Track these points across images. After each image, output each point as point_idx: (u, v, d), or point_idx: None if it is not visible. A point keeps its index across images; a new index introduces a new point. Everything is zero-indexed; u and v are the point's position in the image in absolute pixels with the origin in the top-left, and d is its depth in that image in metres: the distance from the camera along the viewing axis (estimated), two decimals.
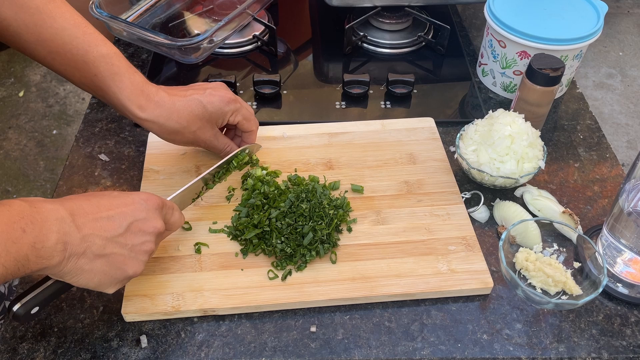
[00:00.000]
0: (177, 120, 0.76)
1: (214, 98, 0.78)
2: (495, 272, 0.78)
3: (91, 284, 0.62)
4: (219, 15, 1.10)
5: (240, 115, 0.82)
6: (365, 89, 1.02)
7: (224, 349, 0.69)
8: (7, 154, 2.29)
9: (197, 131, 0.78)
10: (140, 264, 0.65)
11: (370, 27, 1.17)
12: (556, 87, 0.88)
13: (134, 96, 0.73)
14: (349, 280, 0.74)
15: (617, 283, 0.77)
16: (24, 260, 0.54)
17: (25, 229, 0.54)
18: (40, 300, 0.63)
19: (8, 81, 2.60)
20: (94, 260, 0.60)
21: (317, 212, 0.78)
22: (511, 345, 0.71)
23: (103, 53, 0.73)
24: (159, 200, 0.67)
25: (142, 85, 0.75)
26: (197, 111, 0.77)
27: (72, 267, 0.59)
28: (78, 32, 0.72)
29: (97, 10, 0.97)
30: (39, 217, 0.56)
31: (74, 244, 0.58)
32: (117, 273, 0.63)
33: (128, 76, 0.74)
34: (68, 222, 0.58)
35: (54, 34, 0.71)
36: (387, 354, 0.69)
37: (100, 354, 0.68)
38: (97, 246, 0.60)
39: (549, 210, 0.83)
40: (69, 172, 0.89)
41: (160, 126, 0.76)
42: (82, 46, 0.72)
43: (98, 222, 0.61)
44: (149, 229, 0.65)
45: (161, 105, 0.75)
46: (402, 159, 0.90)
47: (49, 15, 0.71)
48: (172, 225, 0.70)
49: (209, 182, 0.82)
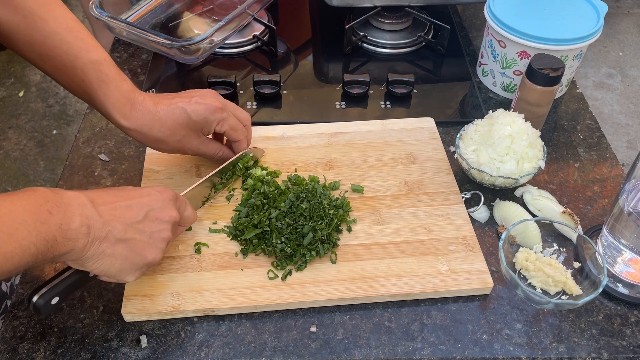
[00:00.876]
0: (160, 129, 0.75)
1: (200, 107, 0.77)
2: (495, 272, 0.78)
3: (112, 269, 0.63)
4: (219, 15, 1.10)
5: (226, 125, 0.80)
6: (365, 89, 1.02)
7: (224, 349, 0.69)
8: (7, 154, 2.29)
9: (182, 139, 0.78)
10: (158, 251, 0.66)
11: (370, 27, 1.17)
12: (556, 87, 0.88)
13: (119, 104, 0.73)
14: (349, 280, 0.74)
15: (617, 283, 0.77)
16: (53, 241, 0.56)
17: (51, 211, 0.56)
18: (60, 290, 0.63)
19: (8, 81, 2.60)
20: (115, 245, 0.62)
21: (317, 212, 0.78)
22: (511, 345, 0.71)
23: (93, 59, 0.72)
24: (173, 192, 0.70)
25: (129, 94, 0.74)
26: (180, 119, 0.76)
27: (95, 251, 0.60)
28: (69, 37, 0.72)
29: (97, 10, 0.97)
30: (62, 201, 0.58)
31: (97, 227, 0.60)
32: (137, 259, 0.64)
33: (115, 84, 0.73)
34: (90, 207, 0.60)
35: (45, 37, 0.71)
36: (387, 354, 0.69)
37: (100, 354, 0.68)
38: (118, 231, 0.62)
39: (549, 210, 0.83)
40: (69, 172, 0.89)
41: (144, 135, 0.76)
42: (72, 51, 0.72)
43: (117, 210, 0.63)
44: (166, 217, 0.67)
45: (145, 113, 0.75)
46: (402, 159, 0.90)
47: (41, 17, 0.71)
48: (185, 219, 0.72)
49: (217, 184, 0.82)
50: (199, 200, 0.80)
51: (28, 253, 0.54)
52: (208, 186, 0.81)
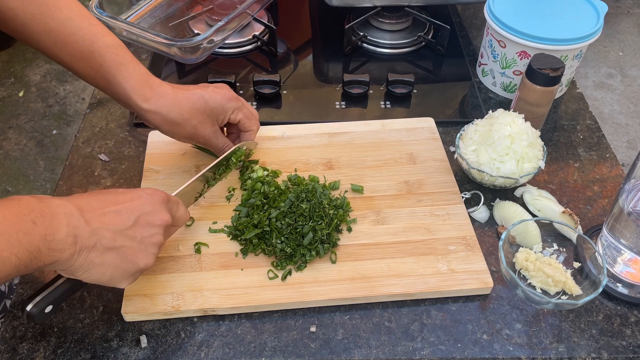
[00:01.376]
0: (179, 111, 0.76)
1: (216, 95, 0.79)
2: (495, 272, 0.78)
3: (103, 278, 0.62)
4: (219, 15, 1.10)
5: (241, 114, 0.83)
6: (365, 89, 1.02)
7: (223, 349, 0.69)
8: (7, 154, 2.29)
9: (198, 125, 0.79)
10: (150, 256, 0.65)
11: (370, 27, 1.17)
12: (556, 87, 0.88)
13: (139, 86, 0.74)
14: (349, 280, 0.74)
15: (617, 283, 0.77)
16: (36, 252, 0.54)
17: (35, 221, 0.55)
18: (53, 299, 0.63)
19: (8, 81, 2.60)
20: (104, 254, 0.60)
21: (317, 212, 0.78)
22: (511, 345, 0.71)
23: (108, 43, 0.73)
24: (164, 194, 0.68)
25: (147, 76, 0.76)
26: (198, 104, 0.78)
27: (84, 261, 0.59)
28: (83, 23, 0.73)
29: (97, 10, 0.97)
30: (48, 211, 0.57)
31: (84, 237, 0.58)
32: (128, 266, 0.63)
33: (133, 67, 0.75)
34: (77, 216, 0.59)
35: (60, 24, 0.72)
36: (387, 354, 0.69)
37: (100, 354, 0.68)
38: (107, 239, 0.61)
39: (549, 210, 0.83)
40: (69, 172, 0.89)
41: (162, 117, 0.76)
42: (88, 37, 0.73)
43: (106, 216, 0.61)
44: (157, 222, 0.65)
45: (164, 96, 0.76)
46: (402, 159, 0.90)
47: (54, 5, 0.72)
48: (177, 219, 0.71)
49: (210, 179, 0.82)
50: (192, 197, 0.80)
51: (9, 264, 0.53)
52: (201, 181, 0.81)
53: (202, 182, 0.80)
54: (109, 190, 0.66)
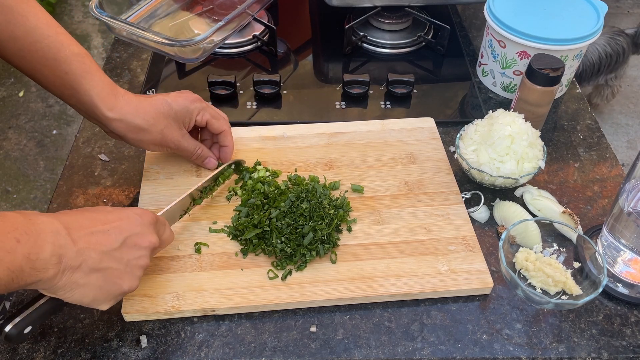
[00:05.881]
0: (144, 117, 0.76)
1: (179, 98, 0.80)
2: (495, 272, 0.78)
3: (85, 299, 0.61)
4: (219, 15, 1.10)
5: (207, 114, 0.82)
6: (365, 89, 1.02)
7: (224, 349, 0.69)
8: (7, 154, 2.29)
9: (165, 129, 0.79)
10: (135, 279, 0.64)
11: (370, 27, 1.17)
12: (556, 87, 0.88)
13: (105, 94, 0.75)
14: (349, 280, 0.74)
15: (617, 283, 0.77)
16: (18, 272, 0.53)
17: (19, 240, 0.53)
18: (33, 319, 0.61)
19: (8, 81, 2.60)
20: (89, 275, 0.59)
21: (317, 212, 0.78)
22: (511, 345, 0.71)
23: (75, 52, 0.74)
24: (153, 215, 0.68)
25: (112, 86, 0.76)
26: (162, 109, 0.78)
27: (67, 281, 0.58)
28: (50, 31, 0.73)
29: (97, 10, 0.97)
30: (34, 228, 0.55)
31: (70, 257, 0.57)
32: (112, 288, 0.62)
33: (99, 76, 0.75)
34: (63, 235, 0.57)
35: (26, 32, 0.71)
36: (387, 354, 0.69)
37: (100, 354, 0.68)
38: (93, 260, 0.59)
39: (549, 210, 0.83)
40: (69, 172, 0.89)
41: (127, 124, 0.76)
42: (54, 44, 0.72)
43: (94, 235, 0.60)
44: (145, 244, 0.65)
45: (128, 103, 0.76)
46: (402, 159, 0.90)
47: (21, 13, 0.71)
48: (164, 241, 0.70)
49: (197, 198, 0.81)
50: (177, 214, 0.78)
51: None
52: (188, 201, 0.79)
53: (188, 200, 0.79)
54: (98, 208, 0.65)
